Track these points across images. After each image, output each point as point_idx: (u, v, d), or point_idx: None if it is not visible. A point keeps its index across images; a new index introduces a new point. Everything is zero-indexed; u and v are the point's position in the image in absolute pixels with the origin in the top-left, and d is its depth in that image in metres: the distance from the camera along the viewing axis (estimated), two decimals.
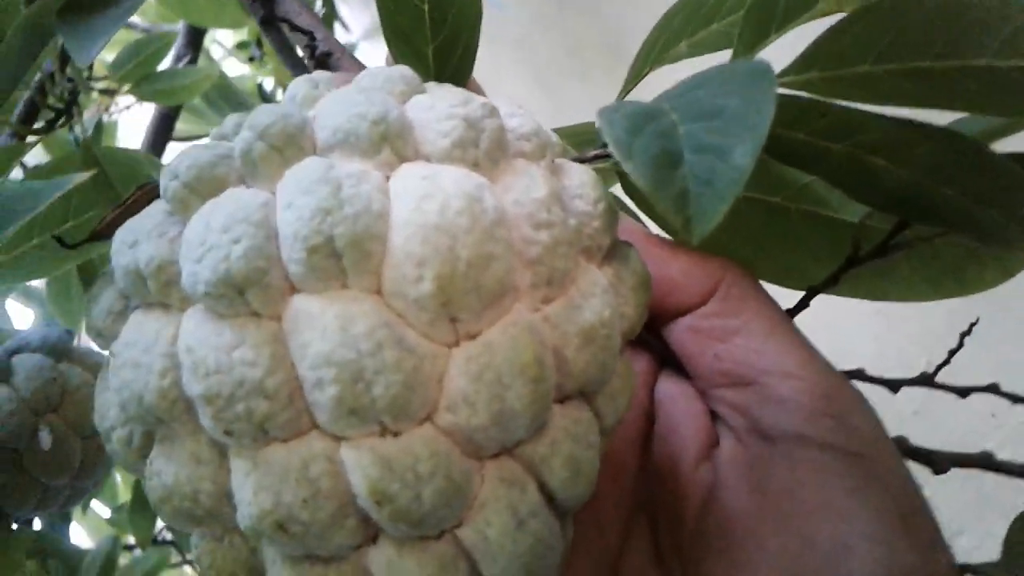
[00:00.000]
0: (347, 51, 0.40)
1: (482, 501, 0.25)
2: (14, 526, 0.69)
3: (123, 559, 1.27)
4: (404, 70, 0.30)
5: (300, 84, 0.30)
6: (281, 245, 0.24)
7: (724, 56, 0.38)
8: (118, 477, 1.33)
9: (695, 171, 0.25)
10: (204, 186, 0.26)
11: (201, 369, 0.23)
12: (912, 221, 0.36)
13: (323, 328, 0.23)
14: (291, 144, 0.26)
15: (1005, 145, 0.35)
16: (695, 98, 0.27)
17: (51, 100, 0.66)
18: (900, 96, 0.32)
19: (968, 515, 0.72)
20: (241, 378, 0.23)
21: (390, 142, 0.25)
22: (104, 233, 0.30)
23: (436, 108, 0.27)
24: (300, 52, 0.43)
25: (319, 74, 0.31)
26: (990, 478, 0.39)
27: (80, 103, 0.67)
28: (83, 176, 0.30)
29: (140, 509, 1.11)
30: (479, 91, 0.38)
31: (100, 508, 1.36)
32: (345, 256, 0.23)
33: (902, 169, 0.33)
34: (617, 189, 0.39)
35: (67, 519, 1.06)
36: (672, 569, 0.33)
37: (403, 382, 0.23)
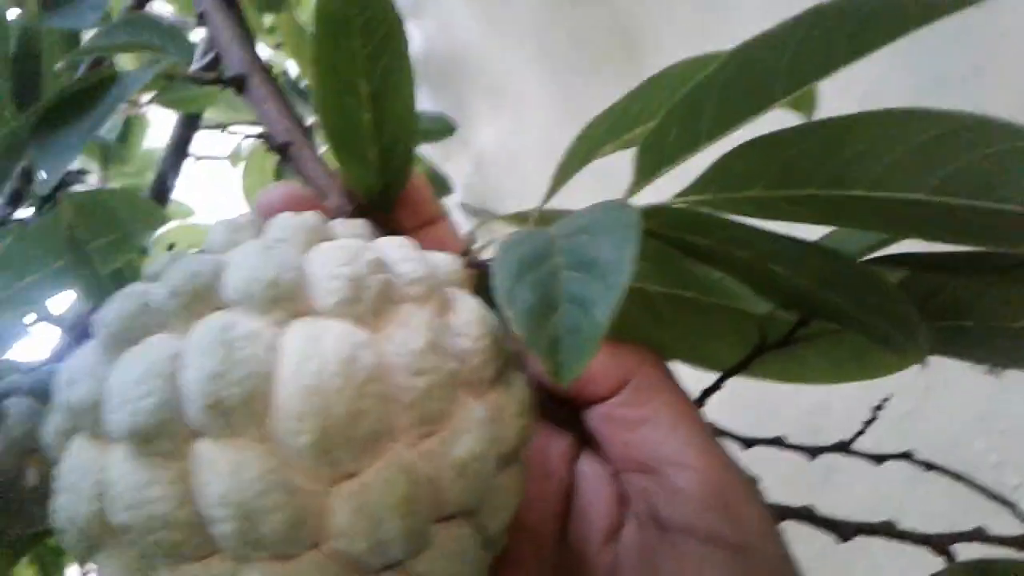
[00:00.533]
0: (307, 140, 0.44)
1: None
2: None
3: None
4: (310, 219, 0.33)
5: (220, 230, 0.34)
6: (182, 393, 0.28)
7: None
8: None
9: (567, 320, 0.28)
10: (128, 334, 0.30)
11: (119, 503, 0.27)
12: (811, 318, 0.39)
13: (218, 472, 0.27)
14: (199, 301, 0.29)
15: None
16: (580, 243, 0.30)
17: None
18: (791, 215, 0.35)
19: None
20: (152, 513, 0.27)
21: (282, 303, 0.29)
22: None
23: (327, 267, 0.30)
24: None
25: (240, 219, 0.34)
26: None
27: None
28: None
29: None
30: (427, 191, 0.42)
31: None
32: (234, 414, 0.27)
33: (797, 277, 0.36)
34: None
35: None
36: None
37: (289, 519, 0.27)
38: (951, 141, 0.30)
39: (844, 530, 0.42)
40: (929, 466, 0.45)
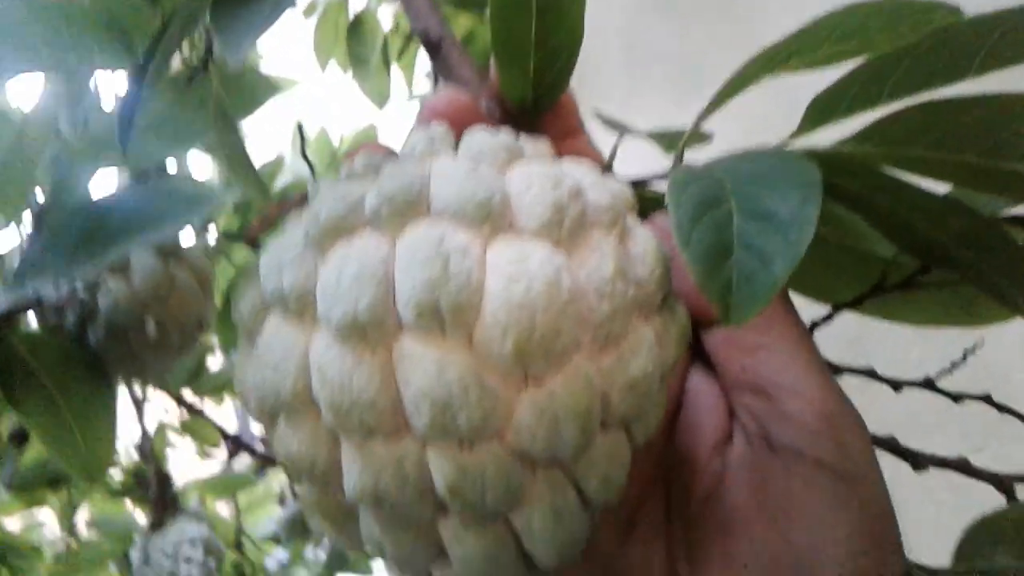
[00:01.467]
0: (455, 39, 0.44)
1: (532, 498, 0.33)
2: None
3: (211, 362, 1.41)
4: (507, 139, 0.35)
5: (419, 138, 0.36)
6: (397, 297, 0.31)
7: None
8: None
9: (741, 268, 0.30)
10: (338, 232, 0.32)
11: (328, 386, 0.31)
12: (936, 267, 0.41)
13: (424, 369, 0.30)
14: (411, 209, 0.32)
15: None
16: (754, 193, 0.32)
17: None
18: (944, 176, 0.37)
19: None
20: (358, 396, 0.31)
21: (491, 220, 0.32)
22: (253, 239, 0.37)
23: (532, 191, 0.32)
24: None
25: (435, 130, 0.36)
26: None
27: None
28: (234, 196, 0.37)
29: (228, 314, 1.18)
30: (573, 105, 0.43)
31: None
32: (447, 319, 0.30)
33: (935, 230, 0.38)
34: None
35: None
36: (675, 533, 0.41)
37: (481, 415, 0.30)
38: None
39: (921, 461, 0.45)
40: (1002, 408, 0.48)
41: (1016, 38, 0.29)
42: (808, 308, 0.46)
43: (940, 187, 0.38)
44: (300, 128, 0.41)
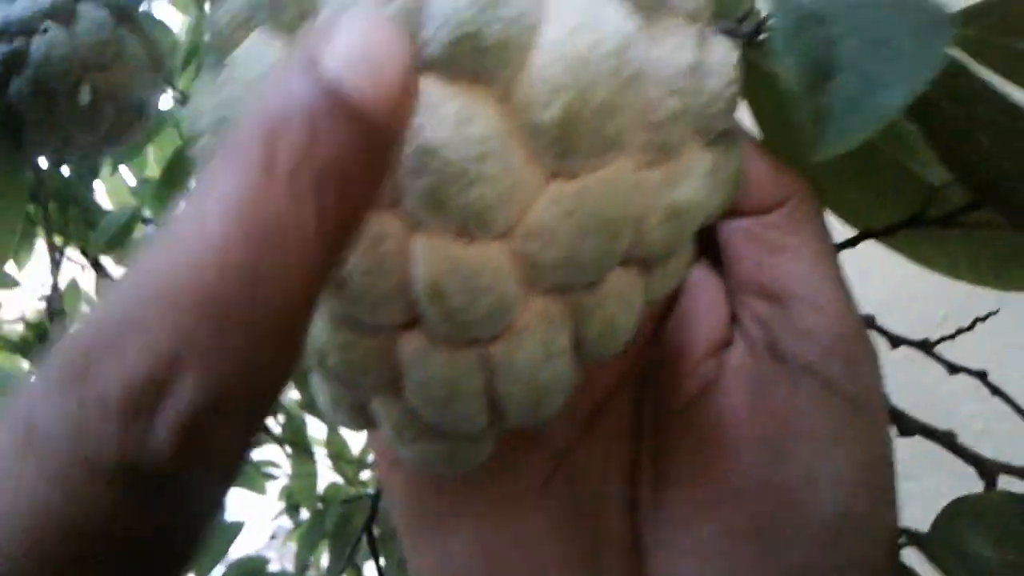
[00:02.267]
0: None
1: (520, 328, 0.26)
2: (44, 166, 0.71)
3: (138, 232, 1.30)
4: None
5: None
6: (426, 19, 0.24)
7: None
8: (149, 151, 1.32)
9: (846, 90, 0.25)
10: None
11: None
12: (986, 205, 0.37)
13: (441, 117, 0.23)
14: None
15: None
16: (864, 18, 0.27)
17: None
18: None
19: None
20: None
21: None
22: None
23: None
24: None
25: None
26: None
27: None
28: None
29: (166, 187, 1.12)
30: None
31: (127, 175, 1.38)
32: (488, 55, 0.23)
33: (1003, 156, 0.34)
34: None
35: (94, 174, 1.08)
36: (644, 442, 0.36)
37: (497, 196, 0.24)
38: None
39: (908, 425, 0.42)
40: (996, 391, 0.44)
41: None
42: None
43: None
44: None
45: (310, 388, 0.31)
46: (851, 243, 0.40)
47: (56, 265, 1.09)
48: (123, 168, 1.32)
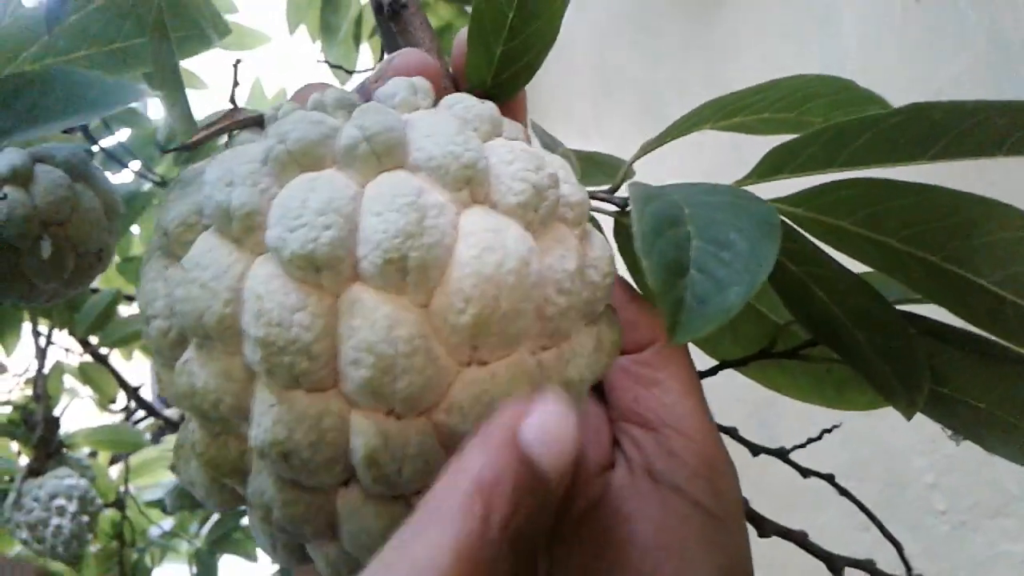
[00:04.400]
0: (420, 9, 0.43)
1: None
2: None
3: (123, 309, 1.35)
4: (492, 110, 0.34)
5: (400, 86, 0.34)
6: (359, 241, 0.28)
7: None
8: (135, 230, 1.37)
9: (695, 289, 0.30)
10: (305, 159, 0.30)
11: (264, 318, 0.28)
12: (824, 345, 0.43)
13: (373, 321, 0.28)
14: (389, 154, 0.30)
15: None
16: (711, 219, 0.32)
17: None
18: (862, 255, 0.39)
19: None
20: (295, 337, 0.28)
21: (471, 186, 0.30)
22: (190, 147, 0.33)
23: (514, 166, 0.31)
24: None
25: (418, 81, 0.35)
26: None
27: None
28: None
29: None
30: (524, 106, 0.43)
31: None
32: (411, 274, 0.28)
33: (834, 306, 0.40)
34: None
35: None
36: (539, 555, 0.40)
37: (421, 384, 0.28)
38: None
39: (766, 527, 0.47)
40: (842, 491, 0.51)
41: (987, 130, 0.31)
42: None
43: (856, 268, 0.40)
44: (236, 66, 0.38)
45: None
46: (711, 372, 0.45)
47: (42, 350, 1.13)
48: None
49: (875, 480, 1.07)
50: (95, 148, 1.09)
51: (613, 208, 0.41)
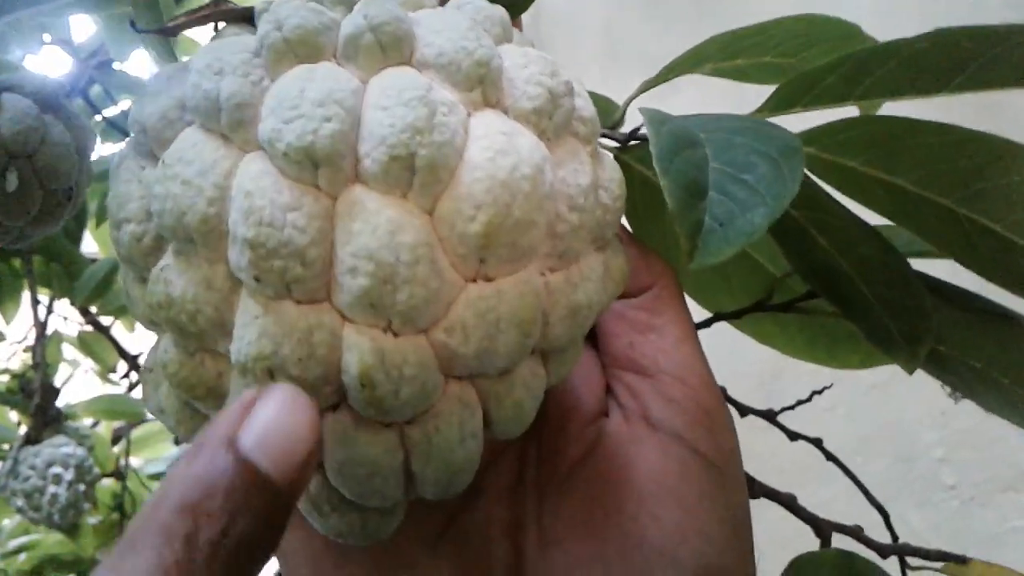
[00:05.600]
0: None
1: (437, 411, 0.28)
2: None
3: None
4: (503, 13, 0.31)
5: None
6: (362, 138, 0.26)
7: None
8: None
9: (715, 210, 0.28)
10: (303, 49, 0.27)
11: (254, 216, 0.25)
12: (823, 297, 0.42)
13: (375, 226, 0.25)
14: (395, 47, 0.27)
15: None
16: (729, 142, 0.31)
17: None
18: (869, 198, 0.37)
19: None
20: (288, 239, 0.25)
21: (484, 86, 0.28)
22: (169, 31, 0.30)
23: (528, 69, 0.29)
24: None
25: None
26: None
27: None
28: None
29: None
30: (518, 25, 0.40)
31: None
32: (418, 174, 0.26)
33: (839, 256, 0.39)
34: None
35: (81, 227, 1.10)
36: (525, 502, 0.38)
37: (423, 297, 0.26)
38: None
39: (755, 488, 0.46)
40: (829, 456, 0.49)
41: (1016, 57, 0.30)
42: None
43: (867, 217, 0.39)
44: None
45: None
46: (705, 324, 0.44)
47: (41, 318, 1.10)
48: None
49: (883, 455, 1.05)
50: (97, 117, 1.05)
51: (614, 144, 0.39)
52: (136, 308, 0.30)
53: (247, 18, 0.31)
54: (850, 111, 0.37)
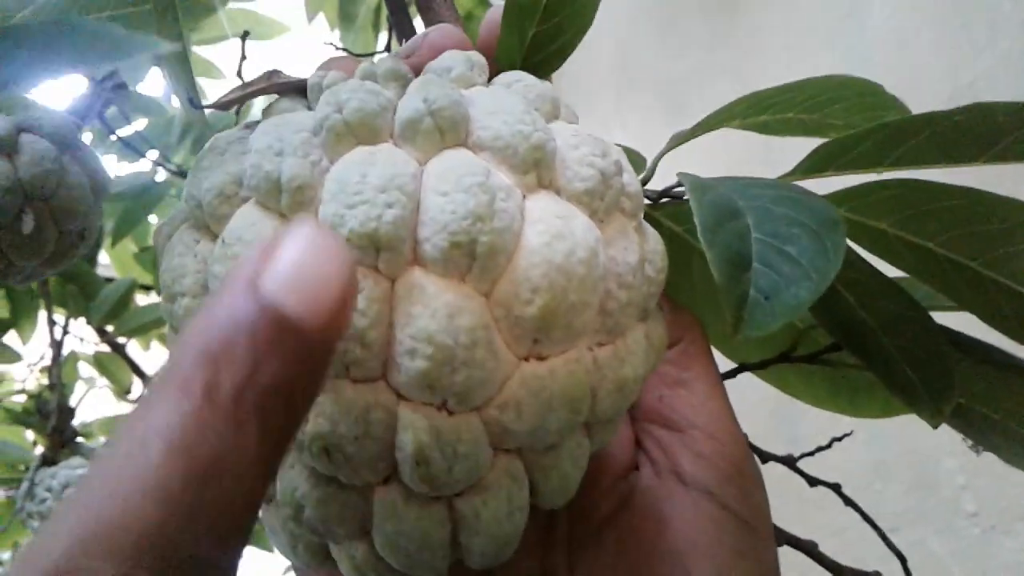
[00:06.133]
0: None
1: (486, 484, 0.29)
2: None
3: (140, 299, 1.33)
4: (551, 90, 0.32)
5: (457, 59, 0.32)
6: (422, 223, 0.26)
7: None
8: (153, 219, 1.33)
9: (760, 282, 0.29)
10: (362, 131, 0.28)
11: None
12: (847, 349, 0.42)
13: (434, 309, 0.26)
14: (453, 130, 0.28)
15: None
16: (769, 213, 0.31)
17: None
18: (896, 259, 0.38)
19: None
20: (350, 323, 0.26)
21: (539, 169, 0.28)
22: (223, 106, 0.31)
23: (579, 151, 0.29)
24: None
25: (475, 56, 0.33)
26: None
27: None
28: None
29: None
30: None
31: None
32: (478, 260, 0.26)
33: (861, 310, 0.39)
34: None
35: (97, 247, 1.12)
36: (555, 555, 0.38)
37: (480, 377, 0.26)
38: None
39: (778, 536, 0.46)
40: (848, 502, 0.50)
41: None
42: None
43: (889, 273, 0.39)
44: (244, 38, 0.35)
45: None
46: (731, 375, 0.44)
47: (56, 338, 1.10)
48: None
49: (903, 482, 1.04)
50: (112, 137, 1.06)
51: (645, 201, 0.40)
52: None
53: (301, 89, 0.31)
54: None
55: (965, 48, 1.00)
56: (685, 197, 0.39)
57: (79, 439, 1.15)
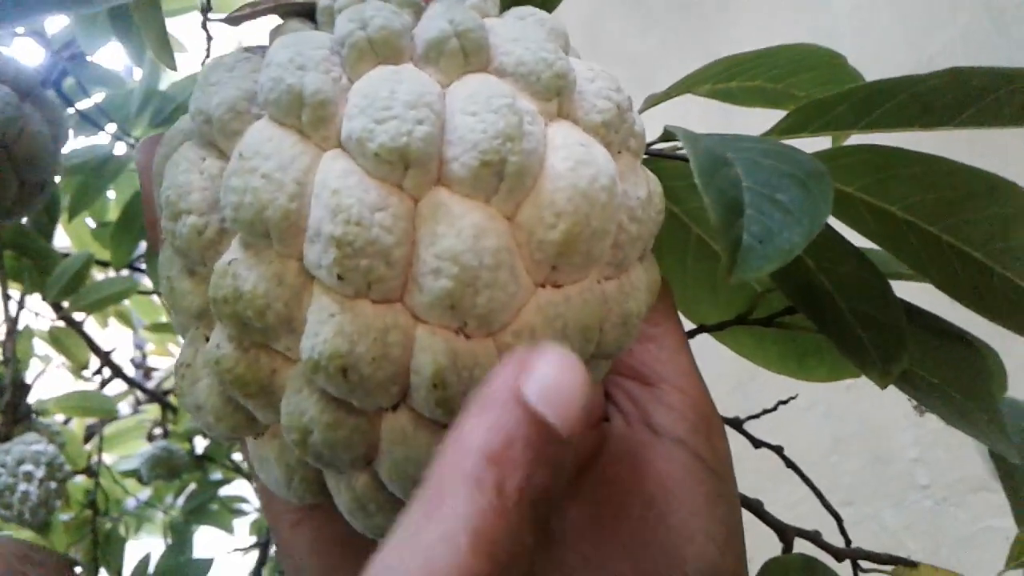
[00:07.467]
0: None
1: None
2: None
3: (97, 274, 1.28)
4: (564, 26, 0.32)
5: None
6: (449, 142, 0.26)
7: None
8: (111, 194, 1.29)
9: (752, 228, 0.29)
10: (385, 50, 0.27)
11: (343, 215, 0.25)
12: (802, 312, 0.44)
13: (459, 229, 0.26)
14: (477, 53, 0.28)
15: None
16: (757, 164, 0.32)
17: None
18: (859, 223, 0.40)
19: None
20: (375, 238, 0.25)
21: (561, 97, 0.28)
22: (233, 21, 0.30)
23: (597, 83, 0.30)
24: None
25: None
26: None
27: None
28: None
29: (125, 231, 1.15)
30: None
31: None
32: (506, 180, 0.26)
33: (821, 275, 0.41)
34: None
35: (53, 221, 1.07)
36: None
37: (502, 301, 0.26)
38: None
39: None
40: (789, 464, 0.52)
41: (1016, 100, 0.32)
42: None
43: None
44: None
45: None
46: (690, 335, 0.45)
47: (11, 314, 1.06)
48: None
49: (858, 455, 1.07)
50: (71, 110, 1.02)
51: None
52: (180, 300, 0.29)
53: (309, 13, 0.31)
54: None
55: (926, 23, 1.04)
56: (668, 153, 0.40)
57: (34, 415, 1.11)
